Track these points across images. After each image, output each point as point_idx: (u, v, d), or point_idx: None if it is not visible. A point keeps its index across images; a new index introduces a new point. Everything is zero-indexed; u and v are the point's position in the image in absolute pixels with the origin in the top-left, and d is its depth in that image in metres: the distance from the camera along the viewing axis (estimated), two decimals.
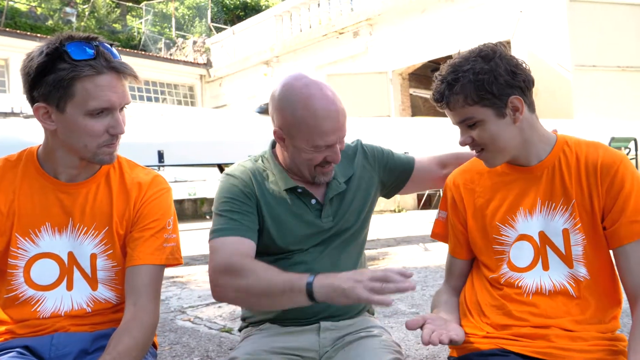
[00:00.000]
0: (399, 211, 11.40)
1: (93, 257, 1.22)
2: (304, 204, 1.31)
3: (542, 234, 1.16)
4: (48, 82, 1.08)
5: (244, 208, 1.27)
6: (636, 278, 1.08)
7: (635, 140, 7.00)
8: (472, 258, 1.32)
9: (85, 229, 1.22)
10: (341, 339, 1.26)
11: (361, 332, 1.28)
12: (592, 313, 1.14)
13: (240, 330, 1.43)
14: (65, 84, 1.08)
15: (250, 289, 1.11)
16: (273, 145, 1.39)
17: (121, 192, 1.24)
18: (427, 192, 11.31)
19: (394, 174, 1.44)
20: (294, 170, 1.32)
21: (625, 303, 1.17)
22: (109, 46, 1.14)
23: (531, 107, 1.15)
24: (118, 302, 1.24)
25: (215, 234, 1.25)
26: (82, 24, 18.86)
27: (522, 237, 1.18)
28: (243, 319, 1.43)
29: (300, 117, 1.20)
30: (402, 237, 6.46)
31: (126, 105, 1.17)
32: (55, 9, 18.96)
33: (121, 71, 1.12)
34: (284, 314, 1.28)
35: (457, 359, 1.19)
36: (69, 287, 1.21)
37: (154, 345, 1.34)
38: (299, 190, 1.31)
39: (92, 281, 1.22)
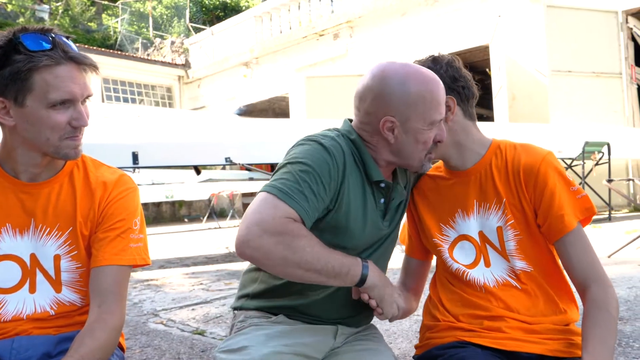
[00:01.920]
0: None
1: (57, 258, 1.19)
2: (374, 201, 1.24)
3: (481, 234, 1.25)
4: (4, 76, 1.05)
5: (321, 192, 1.11)
6: (578, 269, 1.15)
7: (608, 144, 7.14)
8: (426, 259, 1.41)
9: (48, 229, 1.18)
10: (347, 338, 1.27)
11: (367, 334, 1.30)
12: (542, 304, 1.20)
13: (237, 309, 1.32)
14: (23, 76, 1.04)
15: (302, 263, 1.04)
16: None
17: (85, 191, 1.21)
18: None
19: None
20: (385, 162, 1.23)
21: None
22: (65, 39, 1.10)
23: (467, 114, 1.25)
24: (83, 305, 1.22)
25: (279, 192, 1.07)
26: (56, 22, 18.53)
27: (463, 237, 1.27)
28: (250, 298, 1.30)
29: (417, 93, 1.15)
30: None
31: (89, 98, 1.14)
32: (26, 6, 18.51)
33: (81, 62, 1.09)
34: (306, 310, 1.24)
35: (419, 356, 1.26)
36: (32, 289, 1.18)
37: (122, 349, 1.31)
38: (382, 185, 1.22)
39: (56, 283, 1.19)
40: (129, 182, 1.26)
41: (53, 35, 1.07)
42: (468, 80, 1.25)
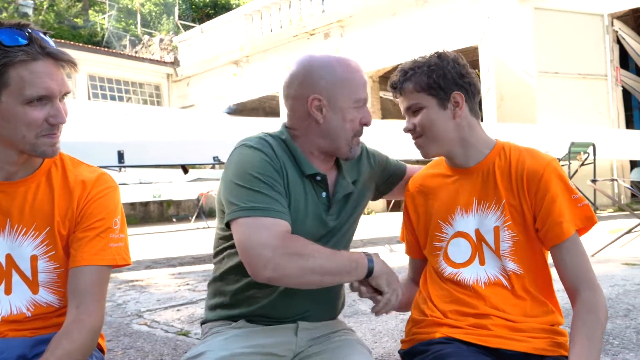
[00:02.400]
0: (369, 213, 11.44)
1: (33, 259, 1.16)
2: (316, 195, 1.28)
3: (477, 232, 1.26)
4: None
5: (278, 189, 1.18)
6: (572, 275, 1.16)
7: (593, 145, 7.21)
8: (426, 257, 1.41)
9: (25, 229, 1.16)
10: (317, 339, 1.26)
11: (337, 332, 1.30)
12: (530, 305, 1.21)
13: (204, 322, 1.36)
14: None
15: (317, 269, 1.10)
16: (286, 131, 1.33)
17: (63, 190, 1.18)
18: None
19: (387, 178, 1.48)
20: (318, 151, 1.29)
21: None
22: (42, 34, 1.08)
23: (473, 111, 1.27)
24: (61, 306, 1.19)
25: (257, 212, 1.13)
26: (40, 17, 18.27)
27: (459, 234, 1.28)
28: (212, 309, 1.34)
29: (341, 74, 1.24)
30: (368, 239, 6.47)
31: (67, 95, 1.12)
32: (9, 0, 18.21)
33: (58, 58, 1.07)
34: (264, 312, 1.26)
35: (405, 351, 1.27)
36: (7, 291, 1.15)
37: (102, 350, 1.29)
38: (318, 178, 1.27)
39: (33, 284, 1.17)
40: (109, 180, 1.24)
41: (30, 31, 1.05)
42: (473, 77, 1.26)
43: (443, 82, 1.22)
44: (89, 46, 16.61)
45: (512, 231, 1.22)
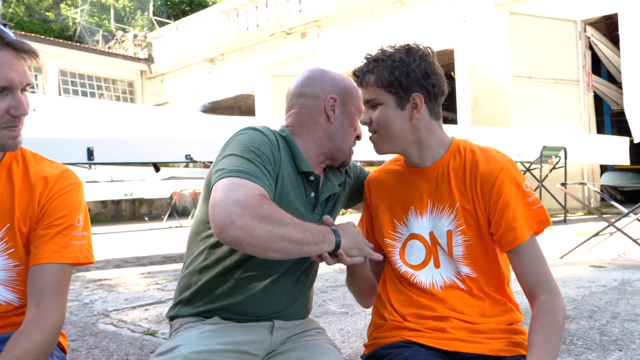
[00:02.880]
0: (342, 214, 11.45)
1: None
2: (306, 194, 1.30)
3: (432, 234, 1.25)
4: None
5: (270, 169, 1.19)
6: (529, 278, 1.16)
7: (565, 149, 7.36)
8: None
9: None
10: (290, 338, 1.27)
11: (310, 331, 1.31)
12: (488, 305, 1.21)
13: (174, 318, 1.32)
14: None
15: (286, 236, 1.06)
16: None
17: (24, 186, 1.16)
18: None
19: (359, 187, 1.49)
20: (316, 153, 1.33)
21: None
22: (2, 26, 1.07)
23: (433, 113, 1.23)
24: (20, 305, 1.17)
25: (240, 173, 1.11)
26: (10, 10, 17.78)
27: (414, 236, 1.27)
28: (184, 304, 1.30)
29: (350, 84, 1.35)
30: None
31: (29, 86, 1.10)
32: None
33: (19, 48, 1.06)
34: (241, 308, 1.25)
35: (367, 356, 1.26)
36: None
37: (63, 350, 1.27)
38: (312, 178, 1.29)
39: None
40: (73, 177, 1.22)
41: None
42: (440, 77, 1.21)
43: (405, 81, 1.17)
44: (61, 40, 16.28)
45: (465, 236, 1.21)
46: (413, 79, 1.17)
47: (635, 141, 4.56)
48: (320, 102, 1.31)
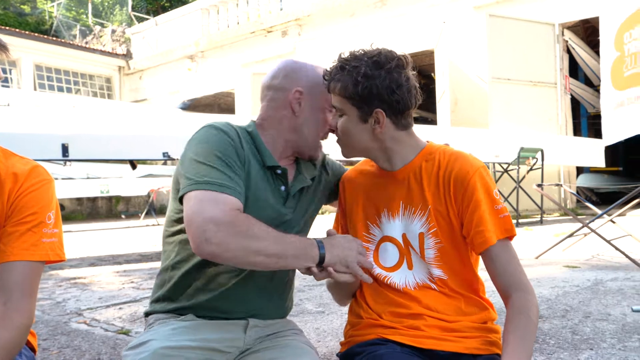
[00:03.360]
0: (322, 213, 11.44)
1: None
2: (275, 188, 1.30)
3: (404, 236, 1.25)
4: None
5: (237, 171, 1.19)
6: (502, 279, 1.17)
7: (542, 151, 7.46)
8: None
9: None
10: (266, 337, 1.26)
11: (286, 332, 1.30)
12: (464, 303, 1.23)
13: (149, 314, 1.33)
14: None
15: (262, 251, 1.08)
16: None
17: None
18: None
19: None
20: (282, 146, 1.32)
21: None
22: None
23: (400, 125, 1.21)
24: None
25: (210, 185, 1.12)
26: None
27: (387, 239, 1.28)
28: (159, 301, 1.31)
29: (318, 76, 1.31)
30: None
31: None
32: None
33: None
34: (215, 305, 1.24)
35: (343, 354, 1.26)
36: None
37: (33, 349, 1.23)
38: (279, 171, 1.29)
39: None
40: (43, 173, 1.18)
41: None
42: (407, 90, 1.17)
43: (368, 97, 1.16)
44: (36, 34, 15.92)
45: (436, 238, 1.21)
46: (376, 95, 1.15)
47: (605, 144, 4.63)
48: (286, 94, 1.30)
